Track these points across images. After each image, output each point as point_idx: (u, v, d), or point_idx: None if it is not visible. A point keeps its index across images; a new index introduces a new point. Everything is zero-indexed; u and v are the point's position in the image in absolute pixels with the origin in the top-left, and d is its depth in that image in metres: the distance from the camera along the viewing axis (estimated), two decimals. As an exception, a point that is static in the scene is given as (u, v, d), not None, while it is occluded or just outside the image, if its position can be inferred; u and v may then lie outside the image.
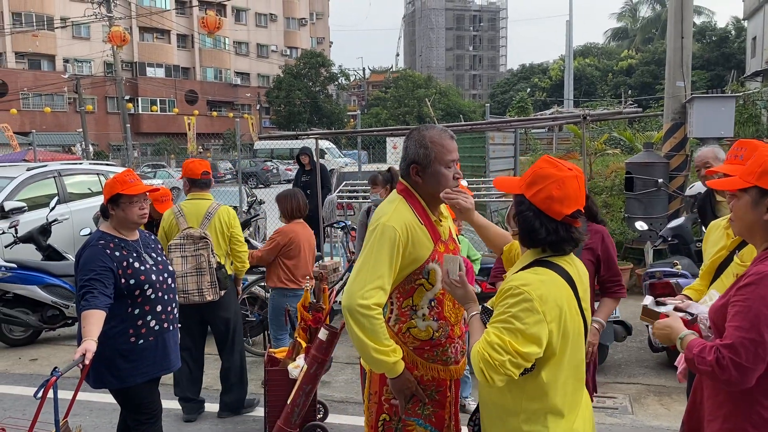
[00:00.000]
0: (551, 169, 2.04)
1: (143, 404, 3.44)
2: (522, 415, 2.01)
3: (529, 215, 2.03)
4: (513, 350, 1.89)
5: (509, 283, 2.00)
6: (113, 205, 3.35)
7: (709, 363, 1.86)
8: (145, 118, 48.38)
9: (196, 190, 4.67)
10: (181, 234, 4.47)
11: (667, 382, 5.17)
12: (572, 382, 2.06)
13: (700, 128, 7.61)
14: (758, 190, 1.92)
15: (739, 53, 43.15)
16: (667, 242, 6.00)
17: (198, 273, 4.45)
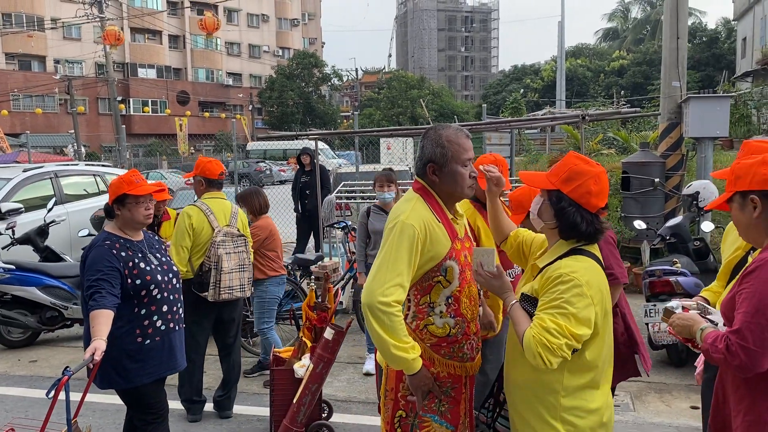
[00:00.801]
0: (585, 165, 2.21)
1: (150, 404, 3.45)
2: (562, 392, 2.16)
3: (571, 210, 2.18)
4: (569, 333, 2.06)
5: (557, 270, 2.13)
6: (119, 205, 3.35)
7: (721, 350, 1.93)
8: (137, 119, 48.16)
9: (214, 190, 4.70)
10: (222, 232, 4.51)
11: (667, 380, 5.21)
12: (607, 358, 2.23)
13: (695, 128, 7.67)
14: (739, 195, 2.06)
15: (730, 54, 43.49)
16: (665, 241, 6.05)
17: (240, 269, 4.57)
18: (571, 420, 2.16)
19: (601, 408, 2.20)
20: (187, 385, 4.65)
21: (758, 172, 2.01)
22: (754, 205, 2.02)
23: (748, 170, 2.04)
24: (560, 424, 2.16)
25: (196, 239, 4.47)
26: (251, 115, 50.98)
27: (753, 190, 2.02)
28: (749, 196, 2.03)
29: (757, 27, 32.64)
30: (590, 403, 2.18)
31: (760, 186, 2.01)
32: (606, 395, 2.24)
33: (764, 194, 2.00)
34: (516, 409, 2.30)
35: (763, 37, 31.03)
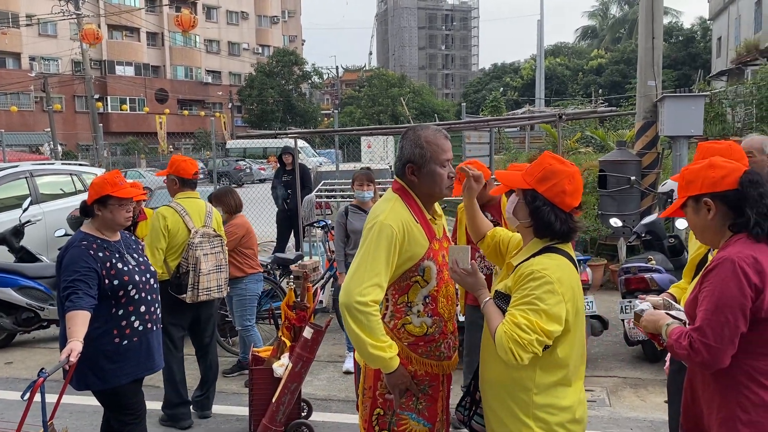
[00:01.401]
0: (559, 165, 2.25)
1: (128, 405, 3.43)
2: (534, 389, 2.19)
3: (546, 209, 2.22)
4: (539, 329, 2.09)
5: (529, 267, 2.17)
6: (101, 205, 3.33)
7: (684, 347, 1.98)
8: (115, 117, 47.61)
9: (188, 190, 4.65)
10: (199, 233, 4.48)
11: (642, 375, 5.29)
12: (579, 356, 2.27)
13: (671, 127, 7.79)
14: (692, 199, 2.11)
15: (705, 53, 44.12)
16: (641, 238, 6.14)
17: (218, 270, 4.56)
18: (543, 417, 2.19)
19: (573, 405, 2.23)
20: (169, 388, 4.58)
21: (707, 175, 2.07)
22: (708, 208, 2.07)
23: (698, 174, 2.10)
24: (533, 421, 2.19)
25: (172, 241, 4.42)
26: (231, 113, 50.65)
27: (705, 193, 2.07)
28: (702, 200, 2.08)
29: (732, 26, 33.16)
30: (562, 400, 2.21)
31: (710, 189, 2.06)
32: (578, 392, 2.28)
33: (716, 196, 2.05)
34: (490, 406, 2.33)
35: (738, 37, 31.53)
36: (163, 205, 4.59)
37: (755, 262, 1.93)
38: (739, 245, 1.99)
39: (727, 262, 1.94)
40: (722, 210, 2.05)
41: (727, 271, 1.93)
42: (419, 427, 2.48)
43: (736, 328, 1.91)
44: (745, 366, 1.97)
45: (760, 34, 28.45)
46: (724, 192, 2.04)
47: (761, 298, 1.92)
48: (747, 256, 1.93)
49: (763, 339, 1.96)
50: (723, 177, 2.05)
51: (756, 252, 1.95)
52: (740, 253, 1.94)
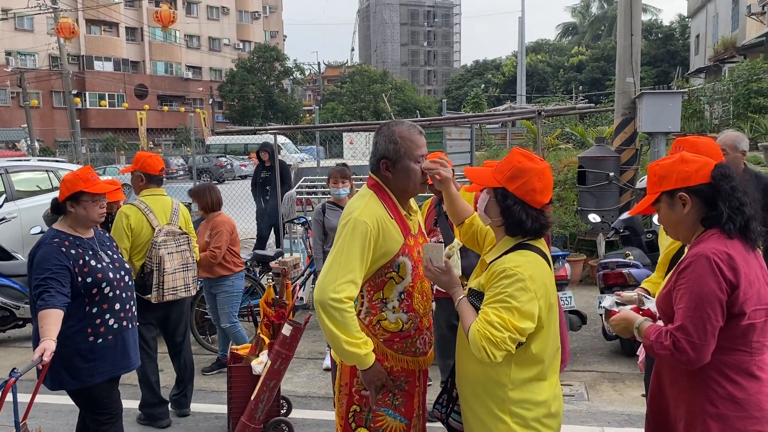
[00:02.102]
0: (529, 162, 2.23)
1: (103, 404, 3.39)
2: (510, 385, 2.20)
3: (516, 208, 2.21)
4: (512, 326, 2.09)
5: (501, 265, 2.17)
6: (73, 202, 3.28)
7: (667, 347, 1.97)
8: (94, 113, 47.03)
9: (154, 186, 4.56)
10: (164, 231, 4.39)
11: (620, 369, 5.34)
12: (554, 351, 2.28)
13: (649, 123, 7.84)
14: (666, 194, 2.11)
15: (684, 50, 44.62)
16: (619, 234, 6.19)
17: (185, 269, 4.47)
18: (519, 412, 2.20)
19: (549, 400, 2.24)
20: (145, 389, 4.54)
21: (681, 170, 2.07)
22: (684, 202, 2.07)
23: (671, 169, 2.10)
24: (509, 417, 2.20)
25: (136, 240, 4.34)
26: (212, 109, 50.28)
27: (679, 188, 2.07)
28: (677, 194, 2.08)
29: (710, 24, 33.55)
30: (537, 396, 2.22)
31: (684, 183, 2.06)
32: (553, 387, 2.29)
33: (690, 190, 2.06)
34: (467, 403, 2.34)
35: (715, 35, 31.92)
36: (127, 204, 4.51)
37: (729, 259, 1.94)
38: (712, 241, 2.00)
39: (702, 259, 1.95)
40: (697, 204, 2.06)
41: (703, 268, 1.94)
42: (396, 423, 2.48)
43: (716, 323, 1.93)
44: (715, 360, 1.99)
45: (737, 32, 28.82)
46: (697, 186, 2.05)
47: (735, 294, 1.94)
48: (721, 252, 1.95)
49: (731, 334, 1.98)
50: (696, 171, 2.05)
51: (729, 248, 1.97)
52: (714, 249, 1.96)
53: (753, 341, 1.99)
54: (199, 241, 5.25)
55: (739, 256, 1.96)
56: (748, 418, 1.98)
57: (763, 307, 1.99)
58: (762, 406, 1.99)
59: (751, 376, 2.00)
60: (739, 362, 2.00)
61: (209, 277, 5.33)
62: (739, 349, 1.99)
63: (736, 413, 1.99)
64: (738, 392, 1.99)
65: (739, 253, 1.98)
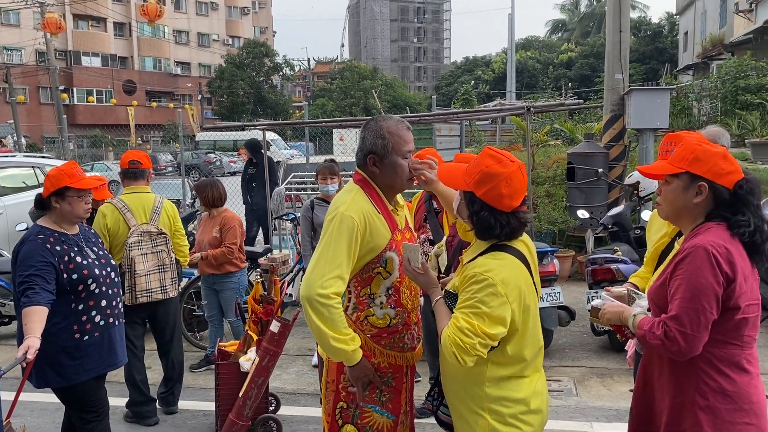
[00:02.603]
0: (497, 167, 2.15)
1: (89, 402, 3.35)
2: (487, 383, 2.17)
3: (484, 214, 2.17)
4: (482, 332, 2.05)
5: (472, 270, 2.13)
6: (59, 198, 3.24)
7: (659, 336, 1.97)
8: (81, 109, 46.67)
9: (130, 182, 4.51)
10: (138, 231, 4.33)
11: (609, 365, 5.36)
12: (534, 350, 2.24)
13: (637, 119, 7.88)
14: (689, 176, 2.06)
15: (672, 47, 44.84)
16: (608, 230, 6.21)
17: (160, 270, 4.38)
18: (497, 409, 2.17)
19: (528, 397, 2.20)
20: (131, 387, 4.51)
21: (719, 164, 2.03)
22: (698, 191, 2.04)
23: (711, 158, 2.04)
24: (487, 414, 2.18)
25: (114, 240, 4.31)
26: (200, 105, 50.03)
27: (705, 177, 2.03)
28: (699, 182, 2.04)
29: (698, 21, 33.72)
30: (516, 393, 2.18)
31: (713, 177, 2.03)
32: (534, 384, 2.24)
33: (713, 186, 2.03)
34: (450, 399, 2.33)
35: (704, 32, 32.09)
36: (105, 202, 4.45)
37: (727, 252, 1.94)
38: (711, 234, 1.99)
39: (701, 250, 1.94)
40: (709, 200, 2.04)
41: (701, 259, 1.93)
42: (383, 420, 2.47)
43: (711, 315, 1.93)
44: (706, 353, 1.99)
45: (724, 29, 28.98)
46: (720, 186, 2.03)
47: (731, 287, 1.94)
48: (719, 245, 1.95)
49: (725, 327, 1.98)
50: (729, 173, 2.02)
51: (727, 243, 1.97)
52: (713, 242, 1.95)
53: (745, 335, 2.00)
54: (206, 237, 5.24)
55: (735, 250, 1.97)
56: (737, 410, 2.00)
57: (755, 301, 2.00)
58: (751, 399, 2.01)
59: (741, 369, 2.01)
60: (730, 355, 2.01)
61: (214, 273, 5.30)
62: (731, 342, 2.00)
63: (726, 405, 2.00)
64: (728, 385, 2.00)
65: (736, 248, 1.98)
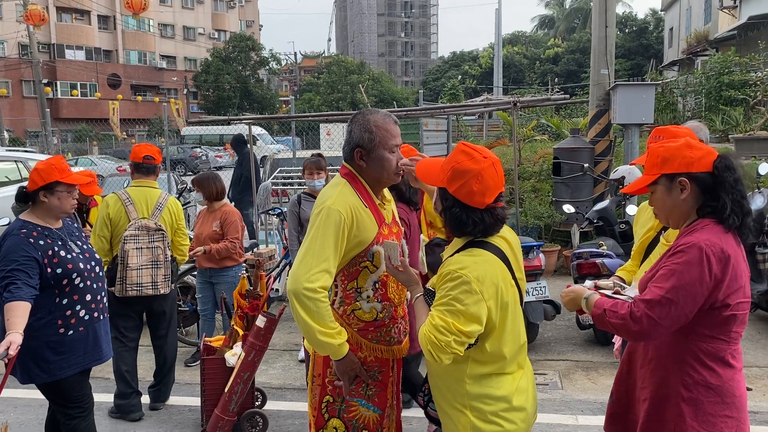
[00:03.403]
0: (469, 162, 2.14)
1: (74, 398, 3.33)
2: (468, 380, 2.17)
3: (456, 211, 2.17)
4: (456, 330, 2.04)
5: (447, 267, 2.13)
6: (47, 192, 3.22)
7: (622, 316, 1.97)
8: (65, 102, 46.16)
9: (140, 176, 4.51)
10: (136, 225, 4.31)
11: (594, 358, 5.40)
12: (515, 348, 2.22)
13: (623, 115, 7.93)
14: (666, 177, 2.08)
15: (658, 43, 45.16)
16: (593, 224, 6.25)
17: (154, 266, 4.34)
18: (478, 406, 2.17)
19: (509, 394, 2.19)
20: (118, 379, 4.49)
21: (685, 154, 2.04)
22: (682, 187, 2.05)
23: (676, 153, 2.06)
24: (469, 411, 2.17)
25: (115, 230, 4.32)
26: (186, 100, 49.62)
27: (681, 172, 2.04)
28: (678, 179, 2.05)
29: (683, 17, 33.97)
30: (496, 390, 2.17)
31: (686, 168, 2.03)
32: (516, 380, 2.23)
33: (691, 177, 2.04)
34: (434, 395, 2.33)
35: (689, 28, 32.32)
36: (112, 193, 4.50)
37: (721, 253, 1.94)
38: (707, 232, 1.98)
39: (695, 249, 1.94)
40: (695, 191, 2.04)
41: (693, 258, 1.93)
42: (369, 414, 2.48)
43: (682, 313, 1.94)
44: (694, 347, 2.01)
45: (709, 26, 29.22)
46: (698, 173, 2.03)
47: (720, 287, 1.94)
48: (715, 245, 1.94)
49: (713, 323, 2.00)
50: (700, 158, 2.03)
51: (723, 242, 1.96)
52: (709, 241, 1.94)
53: (732, 331, 2.02)
54: (206, 230, 5.22)
55: (731, 249, 1.97)
56: (719, 403, 2.02)
57: (747, 299, 2.01)
58: (734, 393, 2.03)
59: (726, 363, 2.03)
60: (717, 350, 2.02)
61: (212, 268, 5.28)
62: (718, 337, 2.02)
63: (709, 398, 2.02)
64: (713, 378, 2.02)
65: (731, 246, 1.98)
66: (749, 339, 5.61)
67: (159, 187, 4.59)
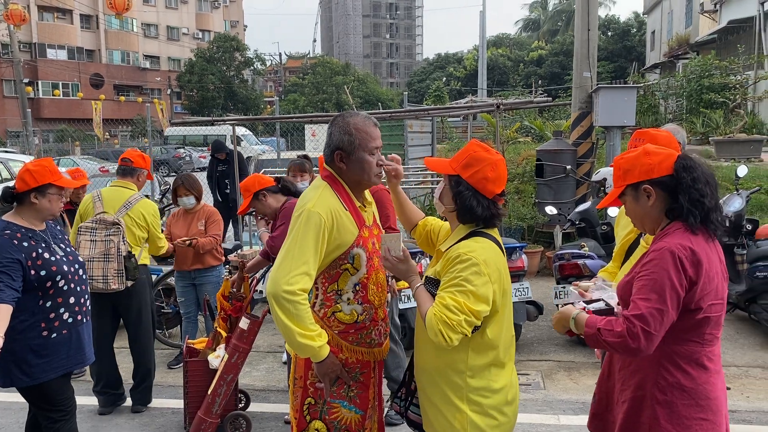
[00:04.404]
0: (484, 153, 2.29)
1: (57, 401, 3.31)
2: (468, 372, 2.24)
3: (468, 194, 2.27)
4: (468, 310, 2.13)
5: (456, 251, 2.22)
6: (39, 194, 3.20)
7: (619, 333, 1.97)
8: (47, 102, 45.66)
9: (119, 177, 4.63)
10: (93, 218, 4.35)
11: (576, 358, 5.45)
12: (509, 337, 2.34)
13: (605, 117, 8.00)
14: (631, 187, 2.14)
15: (640, 46, 45.59)
16: (575, 225, 6.32)
17: (105, 259, 4.30)
18: (477, 400, 2.23)
19: (506, 387, 2.29)
20: (95, 377, 4.54)
21: (644, 162, 2.09)
22: (648, 194, 2.09)
23: (634, 162, 2.12)
24: (466, 405, 2.23)
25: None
26: (170, 100, 49.28)
27: (643, 180, 2.09)
28: (641, 187, 2.10)
29: (665, 21, 34.35)
30: (495, 383, 2.25)
31: (647, 175, 2.08)
32: (510, 374, 2.33)
33: (654, 182, 2.08)
34: (425, 393, 2.36)
35: (670, 31, 32.69)
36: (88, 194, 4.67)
37: (692, 255, 1.97)
38: (677, 236, 2.02)
39: (667, 253, 1.97)
40: (661, 196, 2.08)
41: (667, 262, 1.96)
42: (351, 415, 2.49)
43: (671, 318, 1.96)
44: (668, 350, 2.04)
45: (690, 29, 29.56)
46: (660, 178, 2.07)
47: (694, 290, 1.97)
48: (685, 248, 1.97)
49: (687, 326, 2.02)
50: (659, 163, 2.07)
51: (693, 244, 1.99)
52: (679, 245, 1.98)
53: (706, 333, 2.04)
54: (192, 230, 5.20)
55: (702, 251, 1.99)
56: (693, 405, 2.04)
57: (719, 301, 2.04)
58: (708, 395, 2.05)
59: (700, 366, 2.05)
60: (690, 352, 2.04)
61: (199, 268, 5.27)
62: (691, 339, 2.04)
63: (683, 401, 2.04)
64: (686, 381, 2.04)
65: (702, 248, 2.00)
66: (728, 339, 5.70)
67: (134, 188, 4.62)
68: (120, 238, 4.35)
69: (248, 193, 4.13)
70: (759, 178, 8.98)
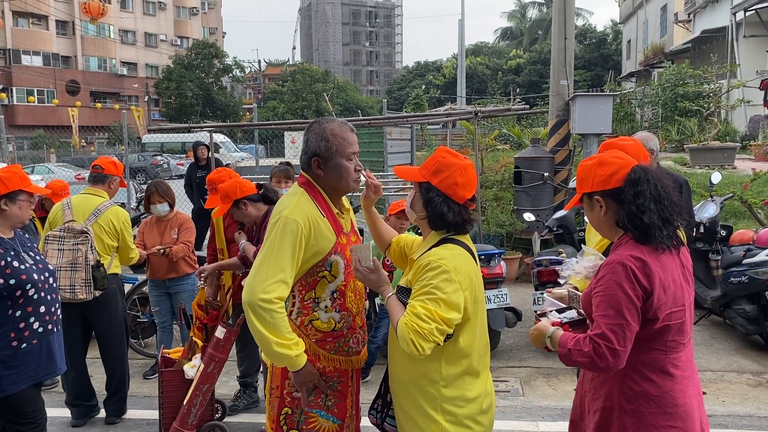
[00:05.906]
0: (452, 158, 2.28)
1: (26, 413, 3.23)
2: (441, 382, 2.21)
3: (439, 200, 2.26)
4: (439, 318, 2.10)
5: (426, 258, 2.20)
6: (8, 200, 3.15)
7: (587, 354, 1.97)
8: (21, 109, 45.03)
9: (90, 184, 4.54)
10: (61, 226, 4.25)
11: (554, 365, 5.46)
12: (483, 345, 2.31)
13: (582, 125, 8.07)
14: (586, 196, 2.18)
15: (616, 55, 46.25)
16: (553, 232, 6.35)
17: (72, 269, 4.20)
18: (451, 410, 2.21)
19: (480, 396, 2.27)
20: (67, 388, 4.44)
21: (596, 173, 2.11)
22: (600, 205, 2.12)
23: (588, 172, 2.14)
24: (441, 415, 2.20)
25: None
26: (147, 107, 48.88)
27: (595, 191, 2.11)
28: (594, 197, 2.13)
29: (640, 30, 34.89)
30: (469, 392, 2.23)
31: (600, 187, 2.10)
32: (485, 383, 2.31)
33: (606, 194, 2.10)
34: (399, 404, 2.33)
35: (646, 40, 33.20)
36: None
37: (644, 266, 1.97)
38: (629, 247, 2.03)
39: (618, 266, 1.98)
40: (613, 207, 2.09)
41: (619, 276, 1.97)
42: (328, 425, 2.46)
43: (634, 329, 1.97)
44: (632, 359, 2.03)
45: (665, 38, 30.05)
46: (611, 190, 2.08)
47: (650, 300, 1.97)
48: (636, 259, 1.98)
49: (648, 335, 2.02)
50: (611, 175, 2.08)
51: (644, 254, 1.99)
52: (630, 256, 1.99)
53: (668, 340, 2.04)
54: (167, 239, 5.13)
55: (653, 262, 1.99)
56: (661, 414, 2.04)
57: (679, 308, 2.04)
58: (676, 402, 2.04)
59: (665, 373, 2.05)
60: (654, 360, 2.04)
61: (174, 277, 5.20)
62: (654, 348, 2.04)
63: (650, 409, 2.04)
64: (652, 389, 2.04)
65: (654, 258, 2.00)
66: (703, 344, 5.76)
67: (105, 196, 4.53)
68: (88, 247, 4.23)
69: (227, 198, 4.04)
70: (733, 185, 9.12)
